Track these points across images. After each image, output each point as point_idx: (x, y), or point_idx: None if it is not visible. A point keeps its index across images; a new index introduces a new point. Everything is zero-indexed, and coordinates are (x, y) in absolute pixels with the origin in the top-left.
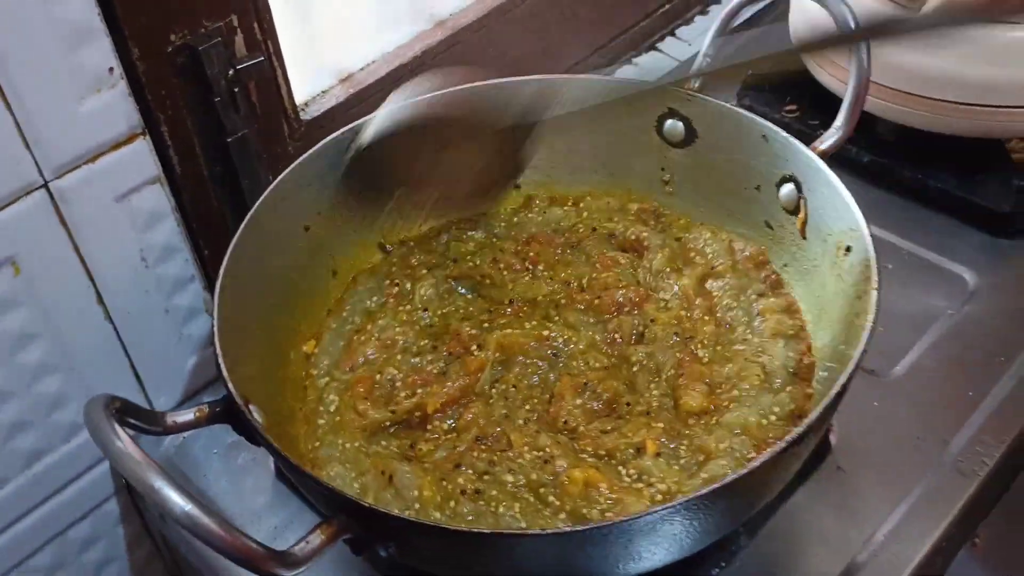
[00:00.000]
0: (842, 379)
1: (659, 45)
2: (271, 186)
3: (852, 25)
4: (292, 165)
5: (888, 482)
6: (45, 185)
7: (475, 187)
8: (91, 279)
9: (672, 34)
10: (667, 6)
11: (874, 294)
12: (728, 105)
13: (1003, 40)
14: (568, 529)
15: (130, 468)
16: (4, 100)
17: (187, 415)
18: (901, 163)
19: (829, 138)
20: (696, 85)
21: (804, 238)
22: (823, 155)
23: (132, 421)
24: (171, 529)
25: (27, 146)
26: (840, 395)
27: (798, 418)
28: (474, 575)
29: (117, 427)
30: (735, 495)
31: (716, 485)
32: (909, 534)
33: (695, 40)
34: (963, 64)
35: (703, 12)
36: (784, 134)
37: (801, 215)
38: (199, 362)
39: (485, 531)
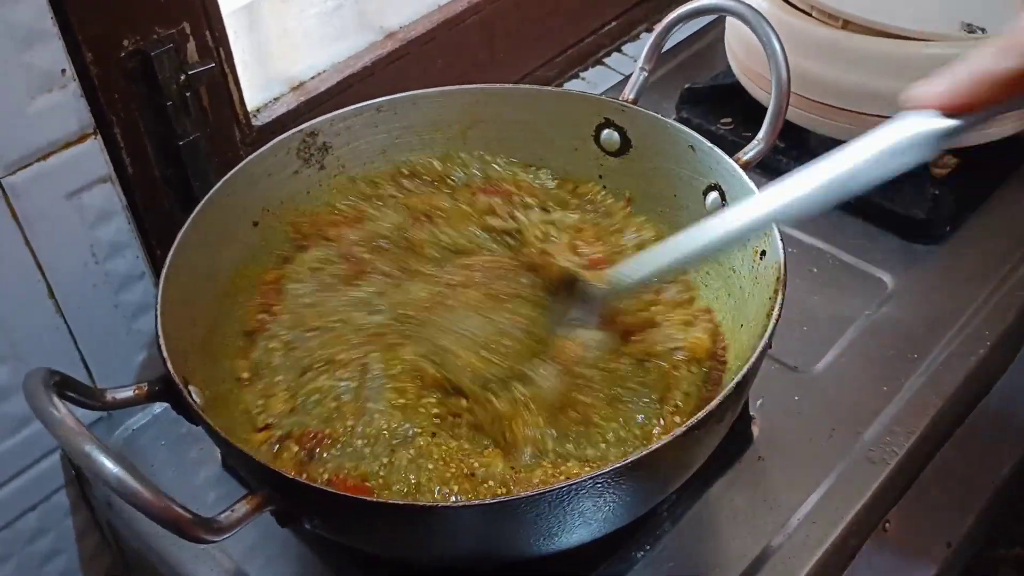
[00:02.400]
0: (747, 366)
1: (606, 60)
2: (221, 180)
3: (776, 45)
4: (242, 162)
5: (805, 471)
6: None
7: None
8: (42, 273)
9: (618, 50)
10: (613, 23)
11: (781, 292)
12: (659, 116)
13: (920, 56)
14: (479, 502)
15: (64, 436)
16: None
17: (126, 392)
18: None
19: (751, 149)
20: (631, 96)
21: None
22: (745, 165)
23: (71, 394)
24: (117, 518)
25: None
26: (743, 383)
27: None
28: (396, 549)
29: (55, 397)
30: (645, 472)
31: (624, 461)
32: (822, 519)
33: (640, 55)
34: (882, 78)
35: (648, 29)
36: (709, 145)
37: None
38: (148, 357)
39: (396, 502)
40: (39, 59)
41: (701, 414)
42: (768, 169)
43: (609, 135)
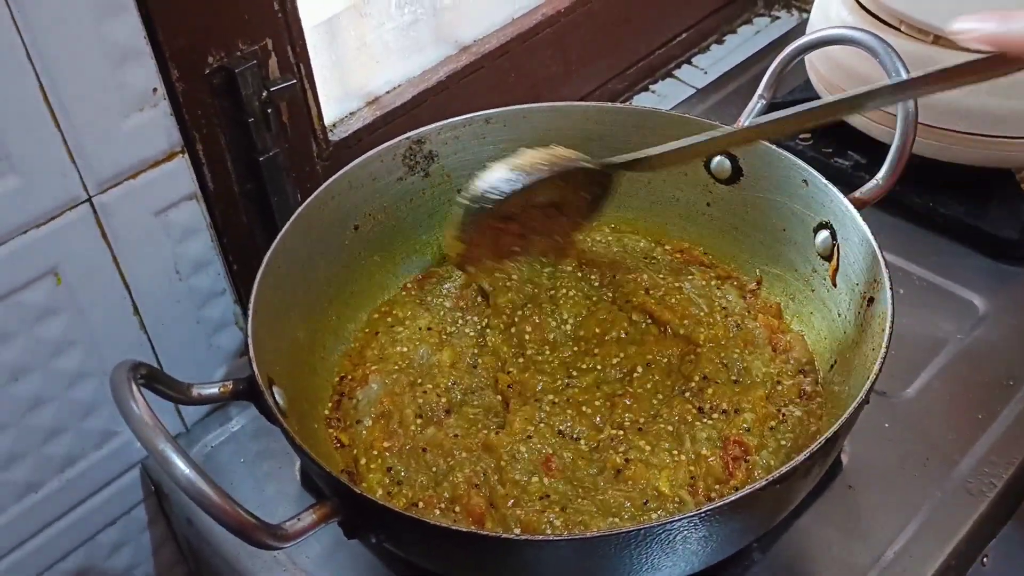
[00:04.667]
0: (842, 419)
1: (676, 72)
2: (326, 183)
3: (904, 76)
4: (348, 166)
5: (898, 501)
6: (89, 200)
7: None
8: (128, 290)
9: (688, 62)
10: (684, 35)
11: (883, 350)
12: (773, 147)
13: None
14: (556, 538)
15: (141, 431)
16: (53, 118)
17: (212, 388)
18: (913, 191)
19: (869, 189)
20: (746, 124)
21: (835, 286)
22: (860, 205)
23: (159, 387)
24: (195, 533)
25: (74, 162)
26: (836, 437)
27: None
28: (463, 573)
29: (136, 391)
30: (746, 509)
31: (729, 499)
32: (918, 553)
33: (711, 68)
34: (974, 96)
35: (719, 41)
36: (824, 181)
37: (833, 262)
38: (227, 372)
39: (461, 529)
40: (133, 78)
41: (788, 466)
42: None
43: (720, 162)
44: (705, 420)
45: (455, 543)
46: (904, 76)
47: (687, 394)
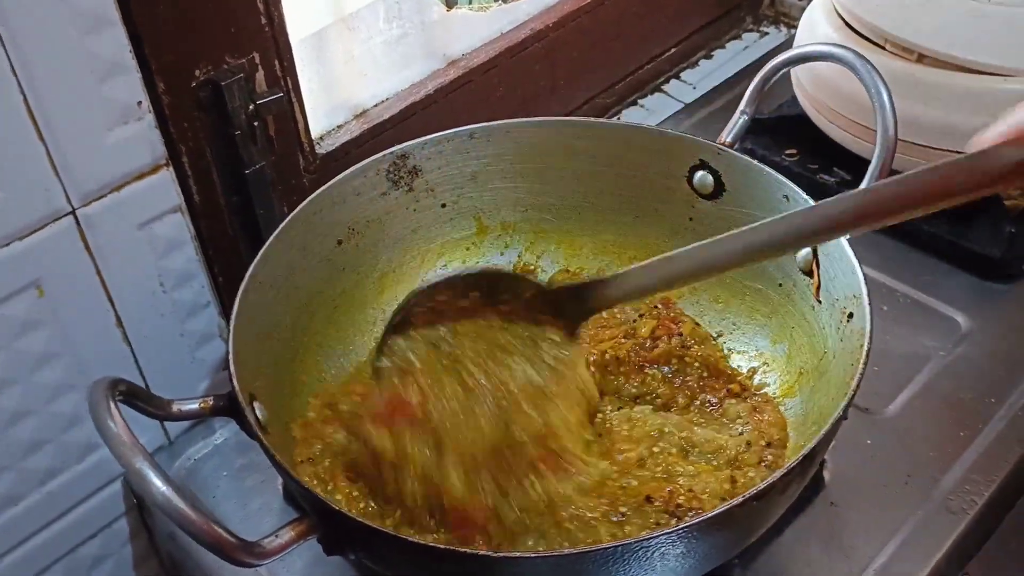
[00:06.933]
0: (819, 437)
1: (664, 87)
2: (309, 198)
3: (885, 97)
4: (332, 180)
5: (880, 519)
6: (72, 212)
7: None
8: (111, 302)
9: (677, 77)
10: (672, 50)
11: (860, 366)
12: (755, 163)
13: (998, 91)
14: (534, 555)
15: (118, 449)
16: (37, 130)
17: (192, 404)
18: None
19: None
20: (728, 140)
21: (819, 303)
22: None
23: (138, 403)
24: (178, 548)
25: (57, 175)
26: (813, 454)
27: None
28: None
29: (113, 408)
30: (724, 526)
31: (707, 515)
32: (900, 570)
33: (699, 83)
34: (956, 113)
35: (708, 56)
36: (804, 196)
37: (815, 279)
38: (211, 386)
39: (438, 546)
40: (118, 92)
41: (780, 472)
42: None
43: (703, 177)
44: None
45: (433, 560)
46: (885, 101)
47: None
